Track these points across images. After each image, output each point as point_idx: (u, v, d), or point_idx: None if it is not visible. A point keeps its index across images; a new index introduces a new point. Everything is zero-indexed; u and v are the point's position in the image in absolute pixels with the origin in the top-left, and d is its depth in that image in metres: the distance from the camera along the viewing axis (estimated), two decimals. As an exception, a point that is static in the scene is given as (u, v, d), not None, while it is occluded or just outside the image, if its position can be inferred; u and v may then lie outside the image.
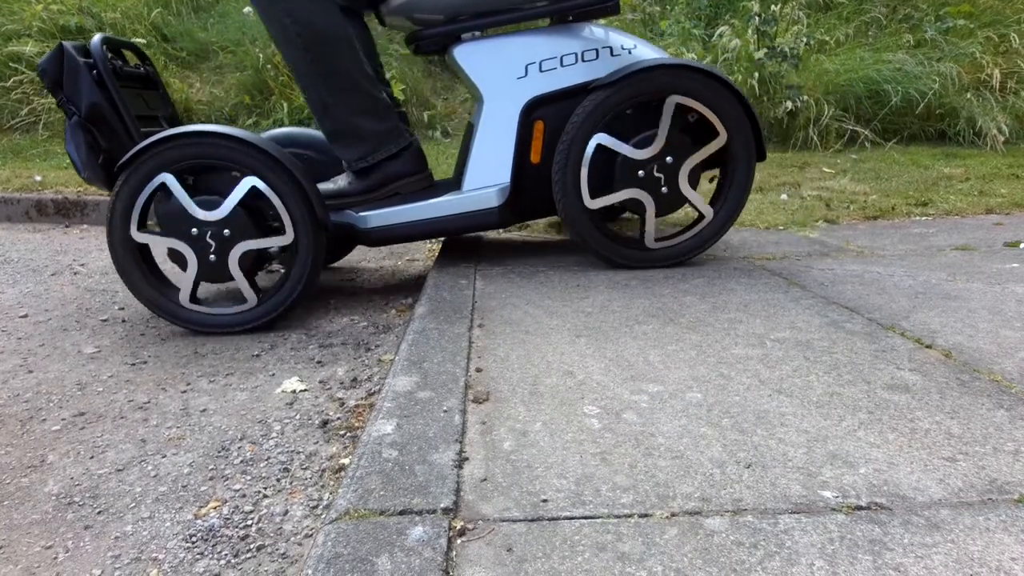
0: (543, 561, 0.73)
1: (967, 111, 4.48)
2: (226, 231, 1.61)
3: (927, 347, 1.30)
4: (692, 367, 1.22)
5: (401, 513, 0.81)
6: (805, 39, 4.60)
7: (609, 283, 1.78)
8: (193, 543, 0.90)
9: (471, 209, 1.77)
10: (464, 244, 2.32)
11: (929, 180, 3.39)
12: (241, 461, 1.10)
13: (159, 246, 1.63)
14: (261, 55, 4.76)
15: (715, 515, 0.80)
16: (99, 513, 0.97)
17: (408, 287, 2.06)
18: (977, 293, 1.62)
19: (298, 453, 1.12)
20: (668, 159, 1.70)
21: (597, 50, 1.76)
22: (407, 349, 1.33)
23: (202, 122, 4.20)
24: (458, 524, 0.79)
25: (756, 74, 4.50)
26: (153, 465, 1.09)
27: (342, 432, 1.19)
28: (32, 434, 1.20)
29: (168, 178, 1.58)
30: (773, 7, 4.55)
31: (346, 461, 1.08)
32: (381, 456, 0.94)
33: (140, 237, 1.61)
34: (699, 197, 1.74)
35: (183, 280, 1.64)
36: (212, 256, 1.62)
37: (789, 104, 4.36)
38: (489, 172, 1.78)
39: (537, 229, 2.53)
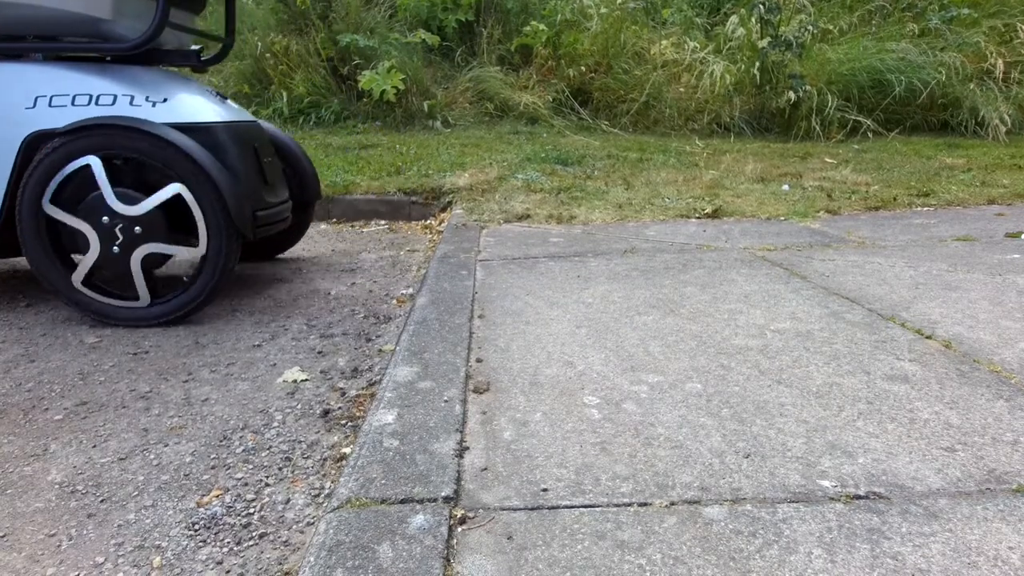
0: (543, 549, 0.73)
1: (970, 101, 4.46)
2: None
3: (927, 338, 1.30)
4: (692, 358, 1.23)
5: (402, 502, 0.81)
6: (809, 27, 4.56)
7: (610, 274, 1.78)
8: (196, 531, 0.91)
9: None
10: (465, 235, 2.31)
11: (931, 170, 3.37)
12: (243, 450, 1.10)
13: None
14: (260, 44, 4.73)
15: (714, 504, 0.80)
16: (102, 501, 0.98)
17: (408, 278, 2.07)
18: (978, 284, 1.62)
19: (300, 442, 1.12)
20: (137, 229, 1.62)
21: (116, 96, 1.65)
22: (408, 339, 1.34)
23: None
24: (459, 512, 0.80)
25: (758, 63, 4.47)
26: (155, 454, 1.10)
27: (343, 422, 1.19)
28: (35, 423, 1.20)
29: None
30: (777, -5, 4.51)
31: (347, 450, 1.08)
32: (382, 445, 0.94)
33: None
34: (142, 281, 1.65)
35: None
36: None
37: (791, 94, 4.34)
38: None
39: (538, 219, 2.52)
